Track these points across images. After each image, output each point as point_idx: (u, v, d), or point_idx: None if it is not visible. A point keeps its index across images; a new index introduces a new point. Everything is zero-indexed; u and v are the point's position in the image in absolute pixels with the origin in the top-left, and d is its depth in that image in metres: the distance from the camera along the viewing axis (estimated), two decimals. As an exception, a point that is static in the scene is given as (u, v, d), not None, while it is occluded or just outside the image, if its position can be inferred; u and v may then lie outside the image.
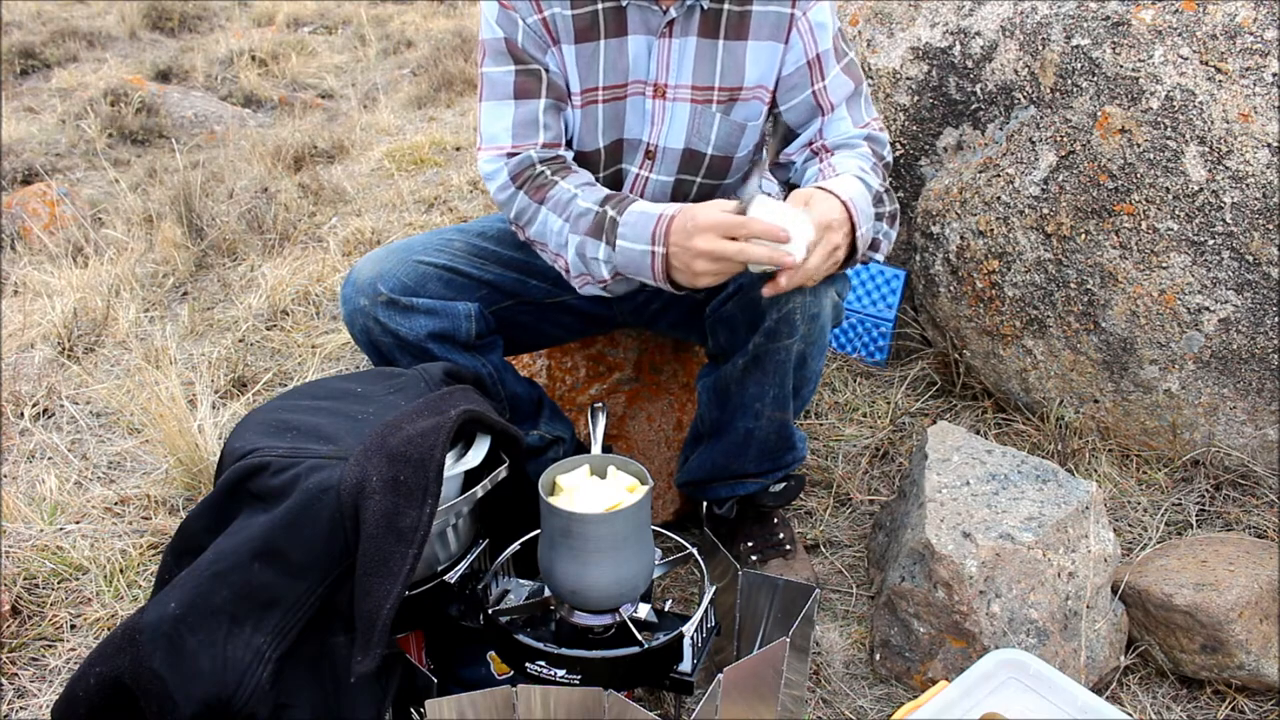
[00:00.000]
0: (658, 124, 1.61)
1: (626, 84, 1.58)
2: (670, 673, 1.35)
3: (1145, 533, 1.92)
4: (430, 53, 6.33)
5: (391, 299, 1.57)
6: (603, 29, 1.54)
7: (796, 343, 1.55)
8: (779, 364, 1.57)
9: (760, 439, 1.69)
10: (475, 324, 1.63)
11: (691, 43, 1.56)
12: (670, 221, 1.41)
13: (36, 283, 3.16)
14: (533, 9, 1.51)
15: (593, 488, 1.34)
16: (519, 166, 1.54)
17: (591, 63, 1.55)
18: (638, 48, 1.56)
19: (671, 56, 1.56)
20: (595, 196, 1.50)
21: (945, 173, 2.27)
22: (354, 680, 1.20)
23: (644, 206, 1.46)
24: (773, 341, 1.54)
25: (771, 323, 1.51)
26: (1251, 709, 1.56)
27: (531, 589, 1.45)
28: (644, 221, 1.43)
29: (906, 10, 2.35)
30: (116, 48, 7.23)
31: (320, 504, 1.20)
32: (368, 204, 3.86)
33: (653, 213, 1.43)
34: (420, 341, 1.59)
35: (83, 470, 2.26)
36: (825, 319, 1.56)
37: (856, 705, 1.60)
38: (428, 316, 1.59)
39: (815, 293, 1.52)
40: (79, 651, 1.74)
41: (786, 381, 1.60)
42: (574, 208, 1.49)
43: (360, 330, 1.61)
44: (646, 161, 1.65)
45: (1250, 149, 1.86)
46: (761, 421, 1.64)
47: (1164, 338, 1.99)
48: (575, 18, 1.52)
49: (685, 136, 1.62)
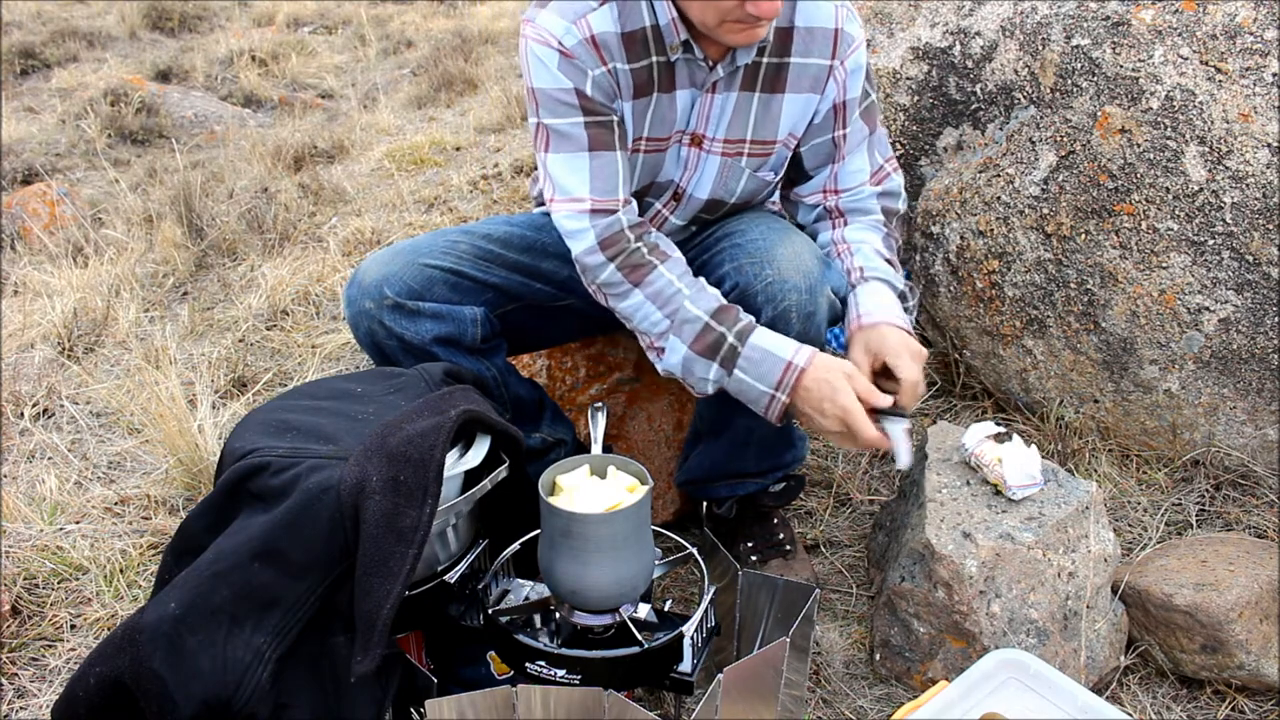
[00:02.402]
0: (690, 170, 1.62)
1: (670, 136, 1.58)
2: (670, 673, 1.35)
3: (1145, 533, 1.92)
4: (430, 53, 6.33)
5: (398, 303, 1.56)
6: (656, 83, 1.52)
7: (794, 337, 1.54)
8: None
9: (761, 436, 1.69)
10: (481, 328, 1.63)
11: (733, 98, 1.55)
12: (801, 375, 1.41)
13: (36, 283, 3.16)
14: (598, 61, 1.46)
15: (593, 488, 1.34)
16: (608, 231, 1.47)
17: (642, 117, 1.54)
18: (684, 101, 1.55)
19: (713, 110, 1.56)
20: (704, 303, 1.45)
21: (945, 173, 2.27)
22: (354, 680, 1.20)
23: (768, 342, 1.43)
24: None
25: (768, 319, 1.50)
26: (1251, 709, 1.56)
27: (531, 589, 1.45)
28: (770, 364, 1.42)
29: (906, 10, 2.35)
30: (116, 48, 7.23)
31: (320, 504, 1.20)
32: (368, 204, 3.86)
33: (780, 355, 1.42)
34: (426, 345, 1.58)
35: (83, 470, 2.26)
36: (821, 317, 1.56)
37: (856, 705, 1.60)
38: (434, 321, 1.58)
39: (811, 290, 1.52)
40: (79, 651, 1.74)
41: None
42: (681, 310, 1.45)
43: (365, 333, 1.60)
44: (672, 202, 1.66)
45: (1250, 149, 1.86)
46: (760, 420, 1.63)
47: (1164, 338, 1.99)
48: (634, 72, 1.49)
49: (712, 188, 1.63)
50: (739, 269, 1.52)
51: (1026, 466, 1.60)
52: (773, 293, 1.48)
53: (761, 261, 1.51)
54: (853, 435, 1.41)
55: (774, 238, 1.55)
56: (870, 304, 1.55)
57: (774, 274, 1.49)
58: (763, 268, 1.50)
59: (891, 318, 1.53)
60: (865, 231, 1.65)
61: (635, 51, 1.48)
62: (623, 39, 1.46)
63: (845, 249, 1.64)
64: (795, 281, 1.49)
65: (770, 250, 1.52)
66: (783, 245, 1.53)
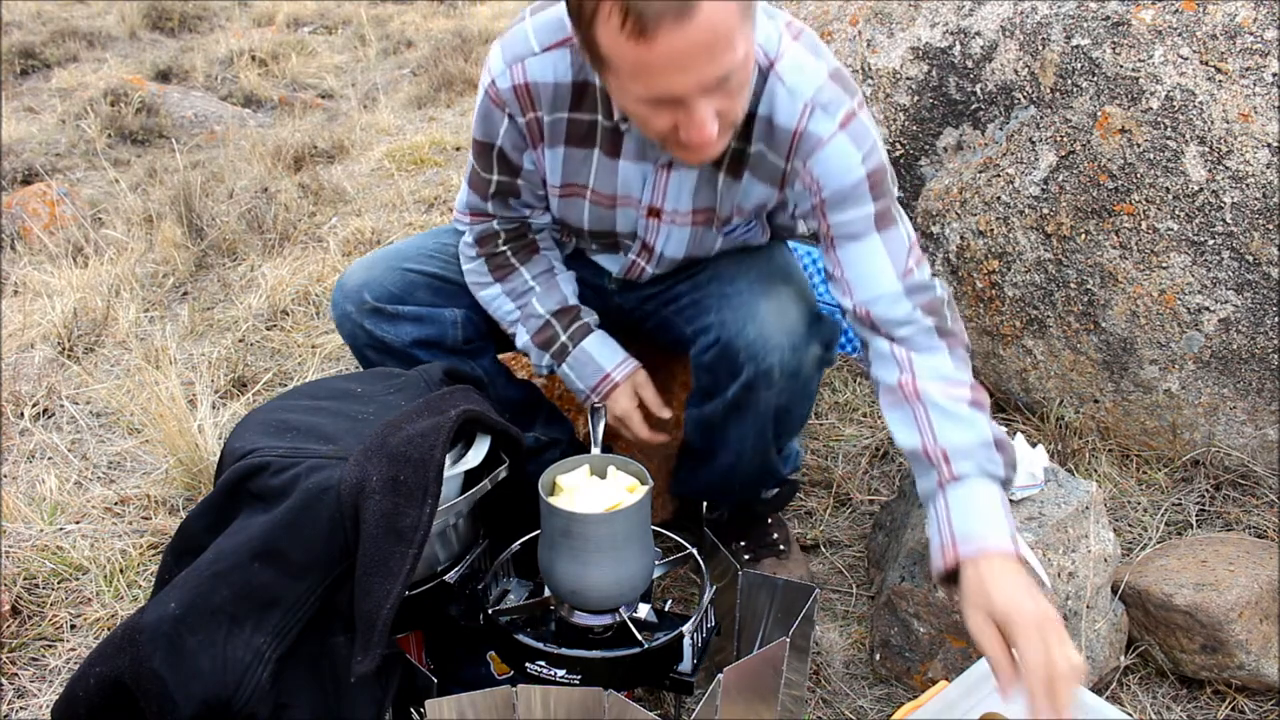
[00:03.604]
0: (655, 235, 1.54)
1: (616, 197, 1.49)
2: (670, 673, 1.35)
3: (1145, 533, 1.92)
4: (430, 53, 6.33)
5: (377, 307, 1.60)
6: (599, 142, 1.43)
7: (775, 395, 1.51)
8: (759, 413, 1.54)
9: (743, 472, 1.67)
10: (463, 330, 1.64)
11: (691, 175, 1.45)
12: (614, 387, 1.60)
13: (36, 283, 3.16)
14: (523, 109, 1.40)
15: (593, 488, 1.34)
16: (483, 232, 1.59)
17: (581, 166, 1.46)
18: (629, 173, 1.45)
19: (670, 187, 1.46)
20: (549, 303, 1.60)
21: (945, 173, 2.27)
22: (354, 680, 1.20)
23: (595, 350, 1.60)
24: (752, 393, 1.51)
25: (749, 377, 1.48)
26: (1251, 709, 1.56)
27: (531, 589, 1.45)
28: (592, 370, 1.60)
29: (906, 10, 2.35)
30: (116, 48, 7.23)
31: (320, 504, 1.20)
32: (368, 204, 3.86)
33: (601, 365, 1.60)
34: (406, 348, 1.61)
35: (83, 470, 2.26)
36: (807, 374, 1.52)
37: (856, 705, 1.60)
38: (414, 324, 1.61)
39: (795, 348, 1.47)
40: (79, 651, 1.74)
41: (767, 429, 1.57)
42: (529, 306, 1.60)
43: (348, 335, 1.64)
44: (645, 253, 1.59)
45: (1250, 149, 1.86)
46: (744, 460, 1.62)
47: (1164, 338, 1.99)
48: (572, 121, 1.41)
49: (686, 250, 1.56)
50: (723, 323, 1.49)
51: (1029, 466, 1.60)
52: (754, 351, 1.46)
53: (744, 319, 1.47)
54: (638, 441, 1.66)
55: (760, 289, 1.49)
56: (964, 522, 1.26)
57: (756, 332, 1.46)
58: (745, 325, 1.46)
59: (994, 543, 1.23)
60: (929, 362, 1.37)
61: (583, 103, 1.39)
62: (572, 88, 1.37)
63: (919, 408, 1.34)
64: (778, 340, 1.46)
65: (754, 305, 1.47)
66: (768, 300, 1.48)
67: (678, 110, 1.16)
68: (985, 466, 1.29)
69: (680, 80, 1.11)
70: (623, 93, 1.18)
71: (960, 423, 1.31)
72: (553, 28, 1.34)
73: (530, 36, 1.36)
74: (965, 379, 1.36)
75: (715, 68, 1.11)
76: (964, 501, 1.28)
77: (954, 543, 1.25)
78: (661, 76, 1.11)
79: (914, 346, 1.38)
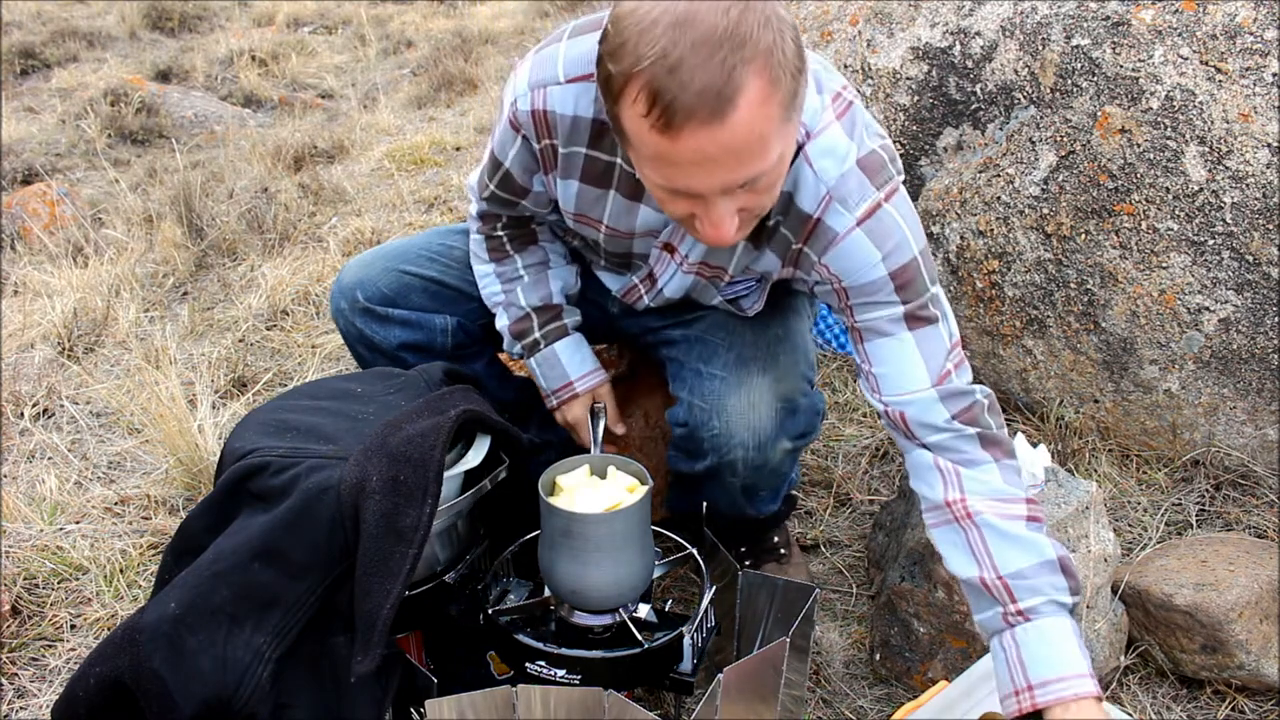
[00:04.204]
0: (662, 267, 1.48)
1: (634, 232, 1.43)
2: (670, 673, 1.35)
3: (1145, 533, 1.92)
4: (430, 53, 6.32)
5: (368, 308, 1.61)
6: (615, 183, 1.36)
7: (740, 480, 1.52)
8: (726, 487, 1.55)
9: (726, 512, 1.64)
10: (453, 337, 1.65)
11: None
12: (574, 396, 1.63)
13: (36, 283, 3.16)
14: (539, 135, 1.33)
15: (592, 488, 1.34)
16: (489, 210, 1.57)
17: (597, 204, 1.40)
18: (649, 217, 1.38)
19: (687, 238, 1.39)
20: (533, 296, 1.60)
21: (945, 173, 2.27)
22: (354, 680, 1.20)
23: (565, 355, 1.62)
24: (717, 475, 1.52)
25: (713, 463, 1.48)
26: (1251, 709, 1.56)
27: (531, 589, 1.45)
28: (558, 373, 1.62)
29: (906, 10, 2.35)
30: (116, 48, 7.23)
31: (320, 504, 1.20)
32: (368, 204, 3.86)
33: (567, 372, 1.62)
34: (394, 350, 1.62)
35: (83, 470, 2.26)
36: (775, 464, 1.50)
37: (856, 705, 1.60)
38: (402, 328, 1.62)
39: (760, 446, 1.46)
40: (79, 651, 1.74)
41: (738, 498, 1.58)
42: (513, 294, 1.61)
43: (342, 330, 1.66)
44: (648, 281, 1.54)
45: (1250, 149, 1.86)
46: (721, 506, 1.61)
47: (1164, 338, 1.99)
48: (589, 158, 1.33)
49: (685, 293, 1.51)
50: (690, 408, 1.48)
51: (1030, 466, 1.60)
52: (717, 444, 1.47)
53: (711, 411, 1.45)
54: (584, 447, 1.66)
55: (734, 380, 1.46)
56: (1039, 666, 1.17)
57: (721, 428, 1.45)
58: (711, 418, 1.45)
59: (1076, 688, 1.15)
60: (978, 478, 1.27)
61: (603, 143, 1.31)
62: (592, 125, 1.29)
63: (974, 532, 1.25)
64: (742, 438, 1.45)
65: (723, 399, 1.45)
66: (738, 394, 1.45)
67: (696, 203, 1.10)
68: (1054, 597, 1.19)
69: (702, 180, 1.05)
70: (641, 172, 1.13)
71: (1021, 546, 1.22)
72: (583, 60, 1.26)
73: (559, 63, 1.27)
74: (1019, 495, 1.25)
75: (742, 173, 1.04)
76: (1036, 642, 1.18)
77: (1029, 688, 1.17)
78: (682, 172, 1.04)
79: (959, 460, 1.28)
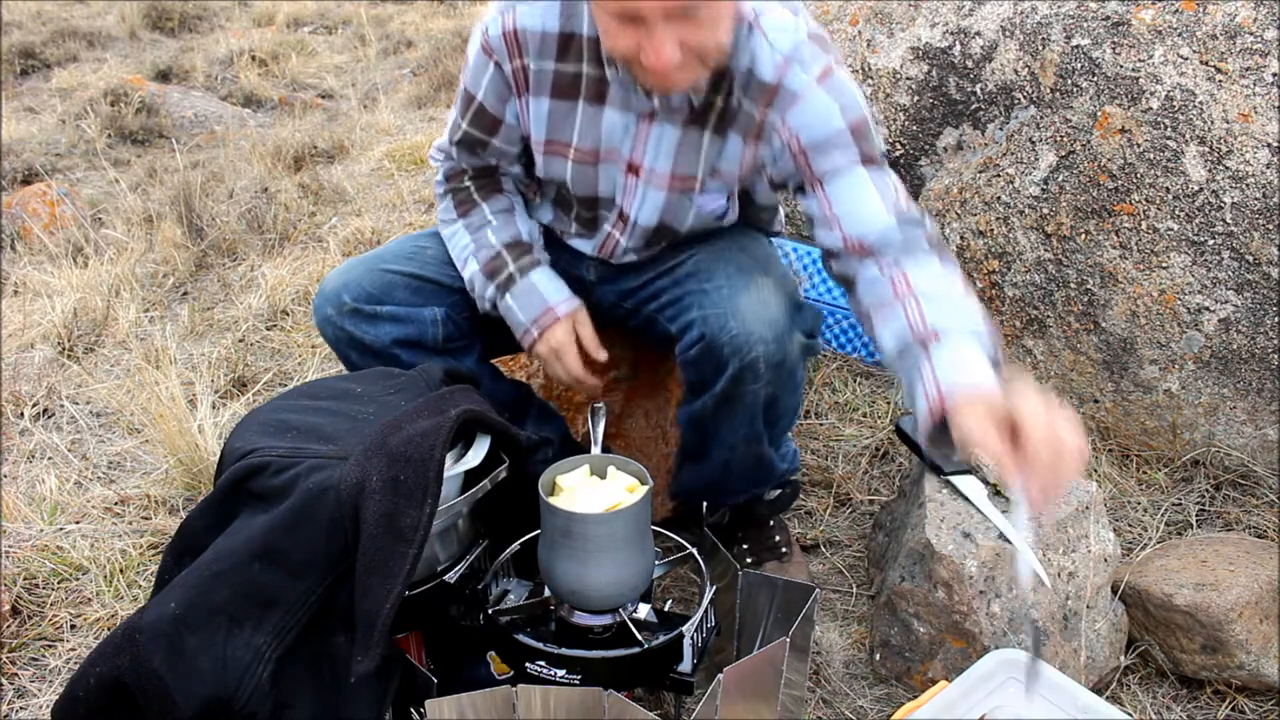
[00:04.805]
0: (631, 197, 1.57)
1: (599, 151, 1.53)
2: (670, 673, 1.35)
3: (1145, 533, 1.92)
4: (430, 53, 6.32)
5: (356, 308, 1.60)
6: (584, 92, 1.48)
7: (764, 387, 1.51)
8: (747, 406, 1.54)
9: (739, 467, 1.66)
10: (443, 328, 1.64)
11: (673, 132, 1.48)
12: (556, 321, 1.59)
13: (36, 283, 3.16)
14: (510, 56, 1.48)
15: (593, 488, 1.34)
16: (453, 169, 1.66)
17: (565, 121, 1.51)
18: (613, 122, 1.49)
19: (649, 141, 1.50)
20: (504, 235, 1.62)
21: (945, 173, 2.27)
22: (354, 680, 1.20)
23: (542, 284, 1.60)
24: (739, 386, 1.51)
25: (735, 370, 1.48)
26: (1251, 709, 1.56)
27: (531, 589, 1.45)
28: (536, 301, 1.60)
29: (906, 10, 2.35)
30: (116, 48, 7.22)
31: (320, 504, 1.20)
32: (368, 204, 3.86)
33: (546, 298, 1.59)
34: (386, 348, 1.61)
35: (83, 470, 2.26)
36: (793, 363, 1.52)
37: (856, 705, 1.60)
38: (392, 323, 1.61)
39: (779, 339, 1.47)
40: (79, 651, 1.74)
41: (757, 420, 1.57)
42: (484, 236, 1.62)
43: (330, 339, 1.64)
44: (620, 224, 1.62)
45: (1250, 149, 1.86)
46: (737, 453, 1.62)
47: (1164, 338, 1.99)
48: (558, 73, 1.47)
49: (659, 216, 1.58)
50: (705, 319, 1.49)
51: None
52: (738, 345, 1.47)
53: (726, 314, 1.47)
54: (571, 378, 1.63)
55: (740, 283, 1.50)
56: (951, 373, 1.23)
57: (738, 327, 1.46)
58: (727, 320, 1.47)
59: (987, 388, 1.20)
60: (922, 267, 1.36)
61: (569, 54, 1.45)
62: (559, 39, 1.44)
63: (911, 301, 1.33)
64: (761, 333, 1.46)
65: (735, 300, 1.48)
66: (748, 293, 1.48)
67: (639, 31, 1.22)
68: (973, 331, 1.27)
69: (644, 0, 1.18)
70: (595, 10, 1.28)
71: (952, 305, 1.31)
72: None
73: None
74: (957, 275, 1.36)
75: None
76: (950, 357, 1.24)
77: (940, 394, 1.20)
78: None
79: (906, 262, 1.37)
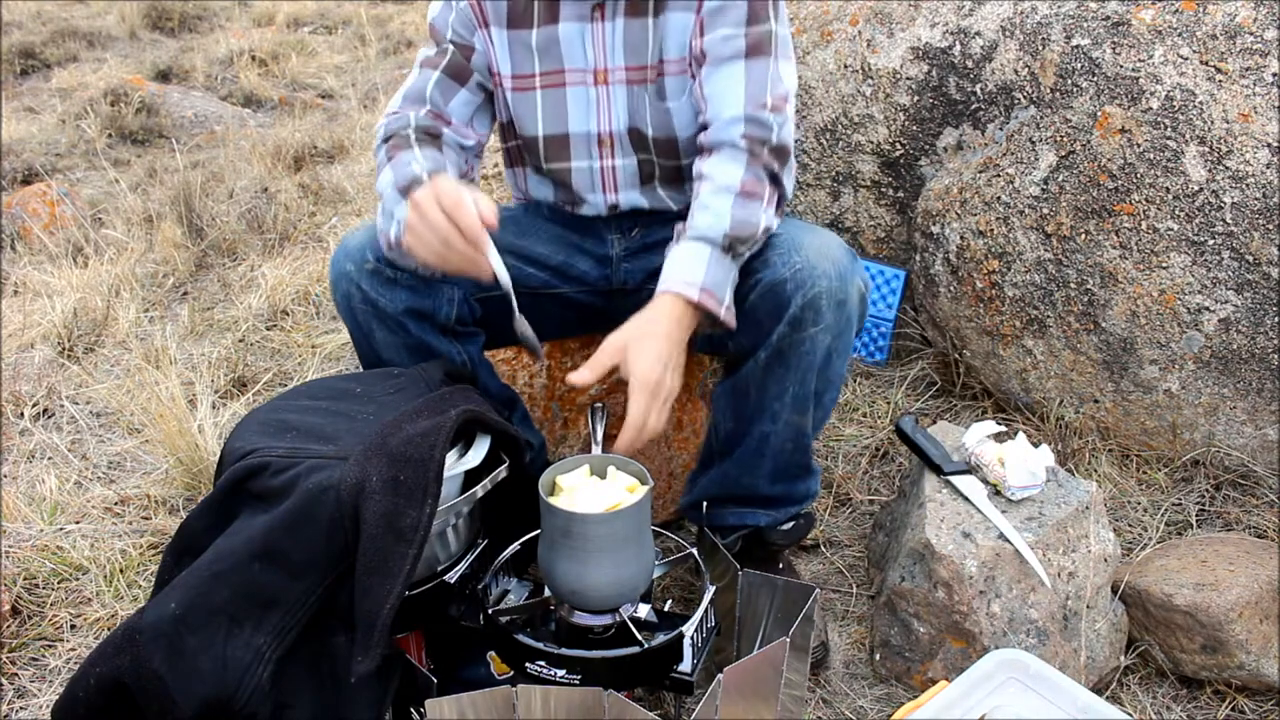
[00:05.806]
0: (603, 110, 1.63)
1: (564, 71, 1.60)
2: (670, 673, 1.35)
3: (1145, 533, 1.92)
4: (430, 53, 6.31)
5: (377, 268, 1.56)
6: (535, 17, 1.58)
7: (823, 332, 1.49)
8: (803, 355, 1.51)
9: (776, 447, 1.61)
10: (456, 308, 1.61)
11: (621, 23, 1.56)
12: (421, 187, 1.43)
13: (36, 283, 3.16)
14: None
15: (593, 488, 1.34)
16: (393, 127, 1.59)
17: (526, 50, 1.60)
18: (569, 34, 1.58)
19: (605, 39, 1.58)
20: (429, 167, 1.49)
21: (945, 173, 2.27)
22: (354, 680, 1.20)
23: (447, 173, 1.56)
24: (798, 331, 1.49)
25: (797, 309, 1.47)
26: (1251, 709, 1.56)
27: (531, 589, 1.45)
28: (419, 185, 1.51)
29: (906, 10, 2.35)
30: (116, 48, 7.22)
31: (320, 504, 1.20)
32: (368, 204, 3.86)
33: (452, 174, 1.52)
34: (397, 315, 1.57)
35: (83, 470, 2.26)
36: (852, 309, 1.51)
37: (856, 705, 1.60)
38: (409, 291, 1.57)
39: (841, 278, 1.48)
40: (79, 651, 1.74)
41: (809, 379, 1.54)
42: (409, 171, 1.49)
43: (342, 296, 1.59)
44: (604, 150, 1.66)
45: (1250, 149, 1.86)
46: (779, 425, 1.57)
47: (1164, 338, 1.99)
48: (510, 4, 1.58)
49: (628, 116, 1.63)
50: (765, 261, 1.50)
51: (1030, 465, 1.60)
52: (802, 279, 1.46)
53: (789, 250, 1.49)
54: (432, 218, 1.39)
55: (799, 231, 1.53)
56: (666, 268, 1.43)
57: (802, 261, 1.47)
58: (790, 255, 1.48)
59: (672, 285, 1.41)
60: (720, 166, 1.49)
61: None
62: None
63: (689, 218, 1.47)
64: (825, 268, 1.47)
65: (797, 239, 1.51)
66: (809, 236, 1.52)
67: None
68: (706, 234, 1.42)
69: None
70: None
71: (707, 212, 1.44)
72: None
73: None
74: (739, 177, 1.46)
75: None
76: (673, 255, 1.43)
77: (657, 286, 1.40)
78: None
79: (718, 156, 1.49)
